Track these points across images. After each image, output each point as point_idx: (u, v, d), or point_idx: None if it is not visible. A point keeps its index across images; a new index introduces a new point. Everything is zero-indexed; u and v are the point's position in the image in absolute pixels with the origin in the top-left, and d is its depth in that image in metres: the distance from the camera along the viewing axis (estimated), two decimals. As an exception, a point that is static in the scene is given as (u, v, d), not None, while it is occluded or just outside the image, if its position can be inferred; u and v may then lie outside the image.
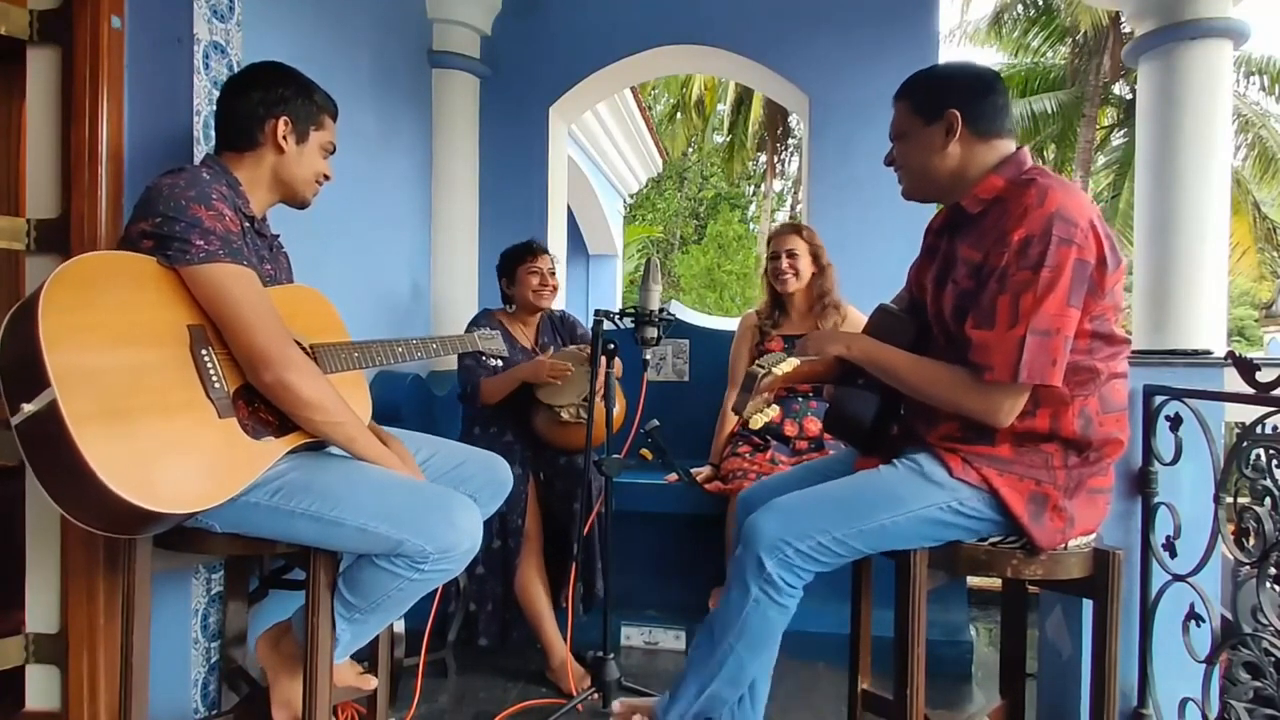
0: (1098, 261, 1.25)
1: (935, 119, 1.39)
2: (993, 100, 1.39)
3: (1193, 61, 2.74)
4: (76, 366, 1.11)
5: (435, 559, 1.32)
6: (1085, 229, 1.24)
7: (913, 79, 1.47)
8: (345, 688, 1.50)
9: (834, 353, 1.46)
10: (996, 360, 1.24)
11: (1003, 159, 1.37)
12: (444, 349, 1.72)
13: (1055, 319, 1.23)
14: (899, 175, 1.50)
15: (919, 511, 1.33)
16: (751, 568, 1.37)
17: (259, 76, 1.47)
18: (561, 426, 2.30)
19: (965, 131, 1.37)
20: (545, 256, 2.48)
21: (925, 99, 1.41)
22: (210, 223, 1.28)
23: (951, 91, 1.39)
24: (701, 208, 19.67)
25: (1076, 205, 1.25)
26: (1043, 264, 1.22)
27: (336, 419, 1.35)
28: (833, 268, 2.53)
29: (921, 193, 1.48)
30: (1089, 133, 12.59)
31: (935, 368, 1.36)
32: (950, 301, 1.36)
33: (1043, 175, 1.32)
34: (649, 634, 2.55)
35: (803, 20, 3.12)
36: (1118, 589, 1.37)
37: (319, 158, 1.53)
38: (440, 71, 3.15)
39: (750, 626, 1.39)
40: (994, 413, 1.28)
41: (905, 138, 1.45)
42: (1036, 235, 1.23)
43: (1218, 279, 2.77)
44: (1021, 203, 1.27)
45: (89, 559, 1.61)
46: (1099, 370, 1.30)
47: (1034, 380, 1.24)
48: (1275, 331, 9.75)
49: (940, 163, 1.40)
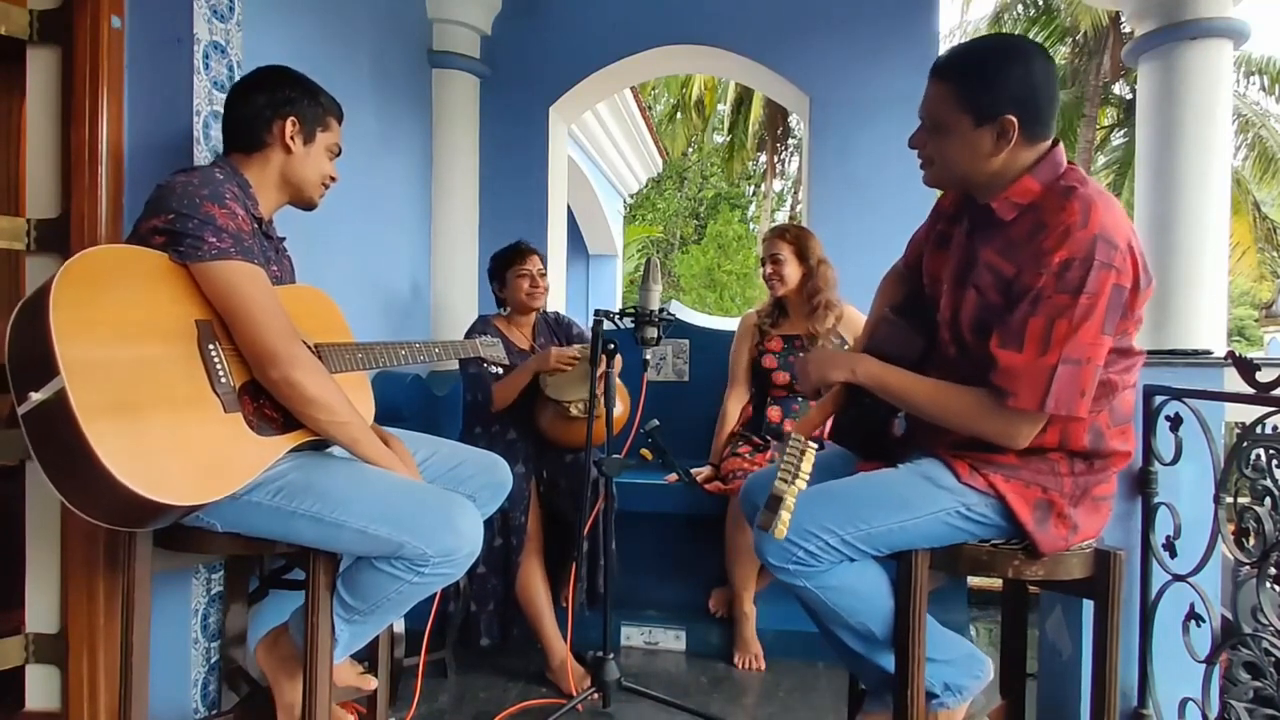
0: (1133, 285, 1.19)
1: (988, 121, 1.23)
2: (1048, 95, 1.24)
3: (1193, 61, 2.74)
4: (86, 358, 1.11)
5: (435, 562, 1.32)
6: (1124, 251, 1.17)
7: (963, 61, 1.26)
8: (345, 688, 1.50)
9: (838, 379, 1.39)
10: (1024, 388, 1.19)
11: (1039, 158, 1.26)
12: (446, 353, 1.73)
13: (1089, 348, 1.17)
14: (924, 164, 1.35)
15: (927, 516, 1.31)
16: (774, 571, 1.37)
17: (265, 79, 1.48)
18: (569, 422, 2.29)
19: (1019, 138, 1.23)
20: (534, 257, 2.48)
21: (979, 95, 1.22)
22: (223, 221, 1.29)
23: (1010, 89, 1.21)
24: (701, 208, 19.66)
25: (1115, 223, 1.18)
26: (1082, 289, 1.15)
27: (341, 419, 1.35)
28: (827, 266, 2.51)
29: (949, 188, 1.40)
30: (1089, 133, 12.60)
31: (952, 392, 1.29)
32: (971, 309, 1.30)
33: (1082, 183, 1.23)
34: (649, 634, 2.55)
35: (803, 20, 3.12)
36: (1118, 589, 1.37)
37: (325, 159, 1.54)
38: (440, 71, 3.15)
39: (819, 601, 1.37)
40: (1012, 437, 1.24)
41: (945, 132, 1.28)
42: (1079, 259, 1.15)
43: (1218, 279, 2.77)
44: (1062, 219, 1.18)
45: (89, 559, 1.61)
46: (1115, 385, 1.26)
47: (1061, 412, 1.19)
48: (1275, 331, 9.76)
49: (985, 167, 1.26)
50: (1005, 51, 1.26)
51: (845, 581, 1.35)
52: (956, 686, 1.43)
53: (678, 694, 2.09)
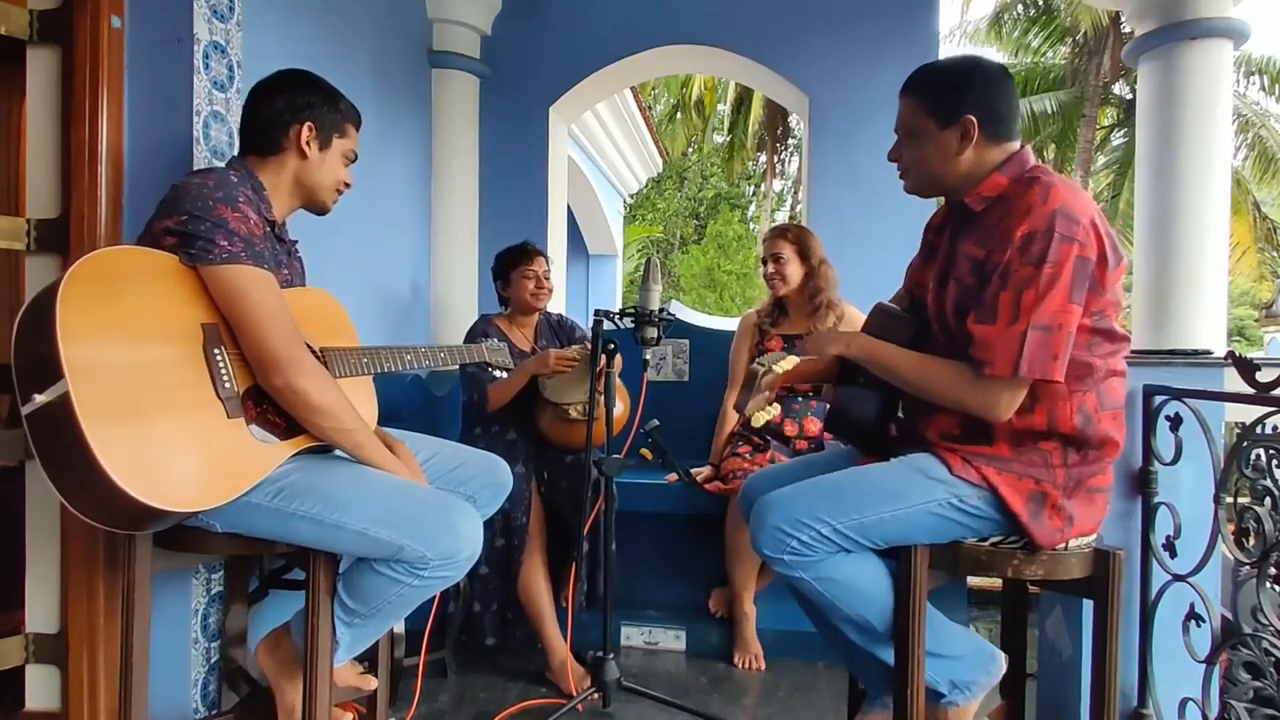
0: (1099, 259, 1.26)
1: (950, 123, 1.36)
2: (1006, 102, 1.37)
3: (1193, 61, 2.74)
4: (91, 360, 1.11)
5: (435, 565, 1.32)
6: (1087, 227, 1.24)
7: (924, 76, 1.42)
8: (345, 688, 1.50)
9: (833, 351, 1.46)
10: (997, 355, 1.25)
11: (1007, 157, 1.37)
12: (452, 358, 1.72)
13: (1057, 315, 1.23)
14: (902, 173, 1.48)
15: (919, 506, 1.32)
16: (770, 561, 1.38)
17: (285, 82, 1.48)
18: (568, 424, 2.29)
19: (980, 136, 1.35)
20: (541, 259, 2.48)
21: (940, 101, 1.37)
22: (235, 224, 1.29)
23: (968, 95, 1.36)
24: (701, 208, 19.65)
25: (1079, 203, 1.26)
26: (1045, 260, 1.22)
27: (345, 425, 1.35)
28: (827, 266, 2.52)
29: (927, 192, 1.47)
30: (1089, 133, 12.59)
31: (934, 364, 1.36)
32: (952, 299, 1.36)
33: (1045, 174, 1.32)
34: (649, 634, 2.55)
35: (803, 20, 3.12)
36: (1118, 589, 1.37)
37: (340, 165, 1.54)
38: (440, 71, 3.15)
39: (817, 592, 1.38)
40: (993, 407, 1.28)
41: (916, 138, 1.41)
42: (1040, 232, 1.23)
43: (1218, 279, 2.77)
44: (1025, 200, 1.27)
45: (89, 559, 1.61)
46: (1096, 366, 1.30)
47: (1035, 374, 1.24)
48: (1275, 331, 9.75)
49: (954, 168, 1.38)
50: (960, 64, 1.43)
51: (843, 573, 1.36)
52: (965, 683, 1.43)
53: (678, 694, 2.09)
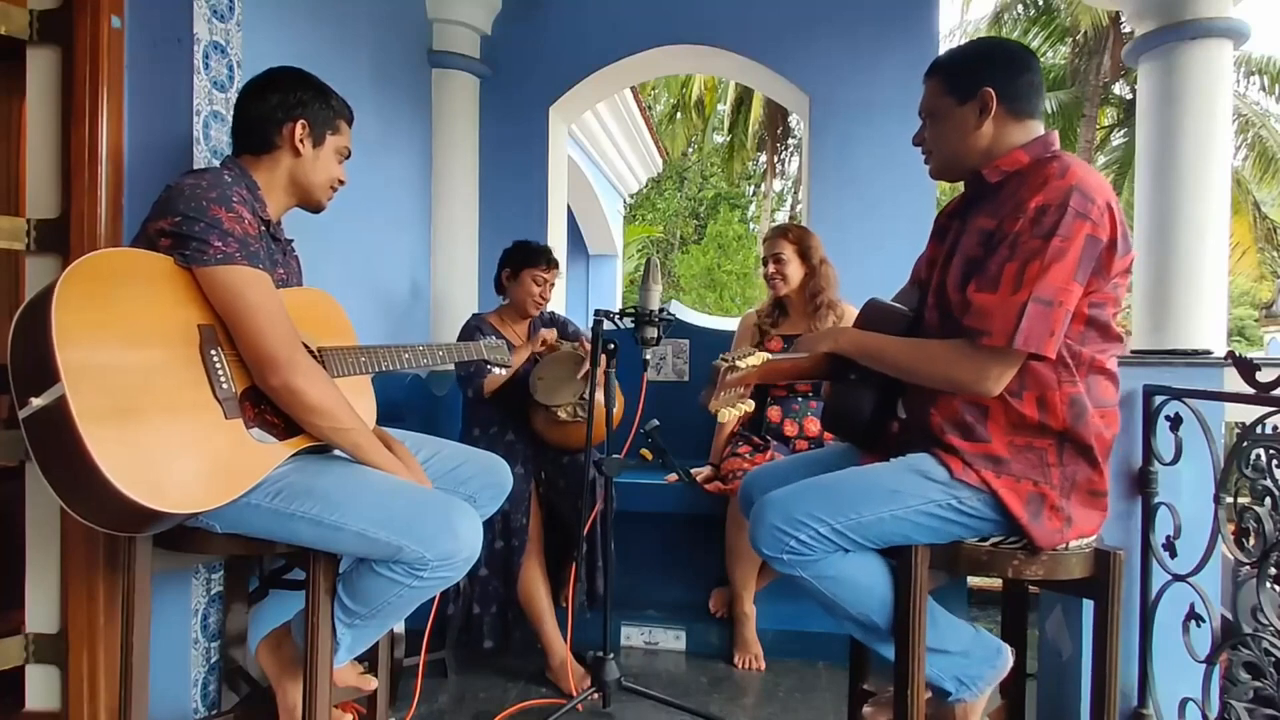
0: (1109, 243, 1.24)
1: (969, 98, 1.35)
2: (1028, 79, 1.35)
3: (1193, 61, 2.73)
4: (87, 363, 1.11)
5: (434, 566, 1.31)
6: (1102, 207, 1.23)
7: (945, 56, 1.43)
8: (345, 688, 1.50)
9: (823, 349, 1.46)
10: (995, 325, 1.23)
11: (1032, 139, 1.35)
12: (451, 356, 1.72)
13: (1060, 290, 1.21)
14: (926, 156, 1.47)
15: (918, 507, 1.32)
16: (769, 560, 1.38)
17: (277, 80, 1.48)
18: (560, 426, 2.30)
19: (1000, 110, 1.34)
20: (555, 271, 2.50)
21: (958, 77, 1.37)
22: (230, 225, 1.29)
23: (986, 69, 1.35)
24: (701, 208, 19.64)
25: (1096, 183, 1.24)
26: (1055, 233, 1.21)
27: (343, 425, 1.35)
28: (828, 266, 2.52)
29: (950, 174, 1.46)
30: (1089, 133, 12.59)
31: (925, 343, 1.36)
32: (956, 271, 1.35)
33: (1068, 155, 1.30)
34: (649, 634, 2.55)
35: (803, 20, 3.12)
36: (1118, 589, 1.37)
37: (334, 162, 1.54)
38: (440, 71, 3.15)
39: (818, 591, 1.37)
40: (983, 379, 1.27)
41: (936, 118, 1.42)
42: (1054, 205, 1.22)
43: (1218, 279, 2.77)
44: (1042, 175, 1.26)
45: (89, 559, 1.61)
46: (1083, 357, 1.29)
47: (1029, 348, 1.22)
48: (1275, 331, 9.74)
49: (973, 143, 1.37)
50: (980, 43, 1.49)
51: (843, 572, 1.36)
52: (971, 679, 1.42)
53: (678, 694, 2.09)
